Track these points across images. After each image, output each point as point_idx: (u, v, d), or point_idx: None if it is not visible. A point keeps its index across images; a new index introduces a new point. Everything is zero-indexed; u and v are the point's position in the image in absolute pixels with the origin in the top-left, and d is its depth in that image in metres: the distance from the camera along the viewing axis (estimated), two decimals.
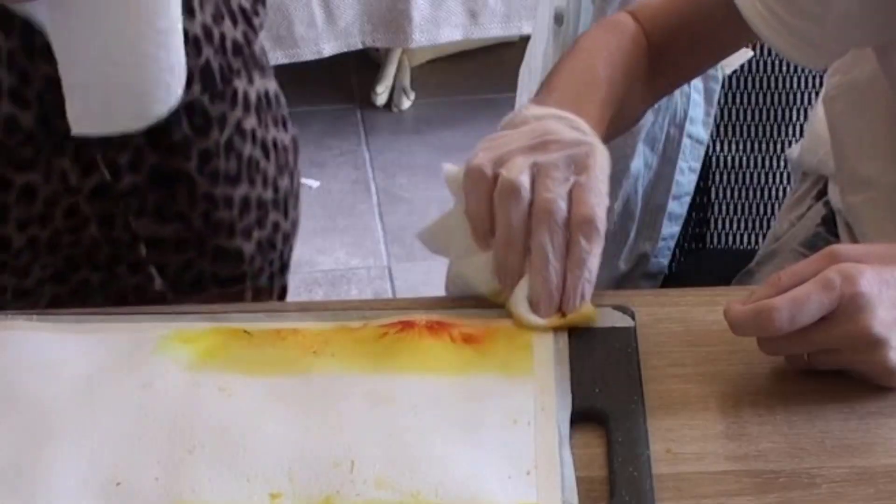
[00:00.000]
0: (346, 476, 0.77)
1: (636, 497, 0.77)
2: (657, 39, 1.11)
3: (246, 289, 1.19)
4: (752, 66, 1.45)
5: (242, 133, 1.15)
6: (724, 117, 1.47)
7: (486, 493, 0.76)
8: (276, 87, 1.22)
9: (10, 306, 1.10)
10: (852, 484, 0.79)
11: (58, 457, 0.79)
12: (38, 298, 1.12)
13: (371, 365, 0.86)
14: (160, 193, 1.11)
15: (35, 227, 1.08)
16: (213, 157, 1.12)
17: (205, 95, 1.10)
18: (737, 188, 1.49)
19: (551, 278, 0.88)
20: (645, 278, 1.46)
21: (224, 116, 1.13)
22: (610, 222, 1.45)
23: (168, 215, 1.12)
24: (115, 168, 1.09)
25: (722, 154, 1.48)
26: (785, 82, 1.46)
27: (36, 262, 1.10)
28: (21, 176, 1.06)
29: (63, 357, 0.88)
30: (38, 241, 1.09)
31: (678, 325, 0.92)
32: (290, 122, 1.24)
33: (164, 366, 0.86)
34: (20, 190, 1.06)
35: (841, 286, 0.82)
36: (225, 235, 1.15)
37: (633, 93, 1.09)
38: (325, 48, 2.87)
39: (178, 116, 1.09)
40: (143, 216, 1.11)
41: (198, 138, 1.11)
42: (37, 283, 1.11)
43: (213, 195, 1.13)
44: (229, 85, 1.12)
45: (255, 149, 1.16)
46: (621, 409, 0.83)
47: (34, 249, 1.09)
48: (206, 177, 1.12)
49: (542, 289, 0.89)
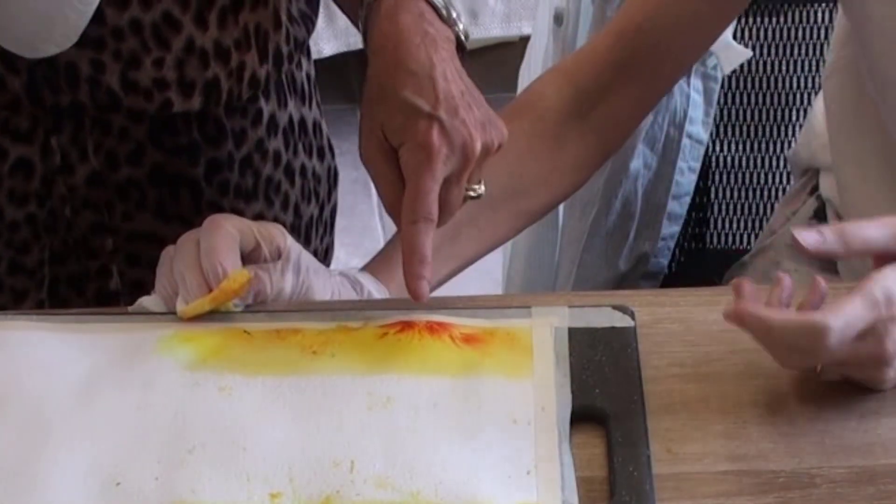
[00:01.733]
0: (346, 476, 0.77)
1: (636, 497, 0.77)
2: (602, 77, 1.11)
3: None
4: (751, 66, 1.45)
5: (264, 153, 1.14)
6: (724, 117, 1.47)
7: (486, 493, 0.76)
8: (318, 117, 1.22)
9: (7, 282, 1.10)
10: (852, 484, 0.79)
11: (58, 457, 0.79)
12: (39, 281, 1.12)
13: (371, 365, 0.86)
14: (162, 192, 1.11)
15: (32, 205, 1.09)
16: (223, 168, 1.12)
17: (217, 108, 1.10)
18: (736, 188, 1.49)
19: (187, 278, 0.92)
20: (645, 278, 1.46)
21: (243, 132, 1.12)
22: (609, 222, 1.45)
23: (170, 215, 1.12)
24: (114, 158, 1.09)
25: (721, 154, 1.48)
26: (785, 82, 1.46)
27: (36, 242, 1.10)
28: (16, 148, 1.07)
29: (63, 357, 0.88)
30: (36, 220, 1.10)
31: (678, 325, 0.92)
32: (329, 153, 1.24)
33: (164, 366, 0.86)
34: (15, 162, 1.07)
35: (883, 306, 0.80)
36: None
37: (541, 178, 1.11)
38: (325, 48, 2.87)
39: (188, 121, 1.09)
40: (144, 211, 1.11)
41: (208, 147, 1.11)
42: (38, 264, 1.11)
43: (220, 205, 1.12)
44: (253, 104, 1.12)
45: (276, 170, 1.16)
46: (621, 409, 0.83)
47: (33, 227, 1.10)
48: (213, 186, 1.12)
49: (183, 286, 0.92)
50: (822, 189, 1.27)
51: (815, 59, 1.44)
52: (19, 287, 1.11)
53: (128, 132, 1.08)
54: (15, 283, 1.11)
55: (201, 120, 1.10)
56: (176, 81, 1.07)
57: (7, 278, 1.11)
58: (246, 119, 1.12)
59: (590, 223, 1.45)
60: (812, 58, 1.44)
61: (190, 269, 0.91)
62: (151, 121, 1.09)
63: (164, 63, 1.06)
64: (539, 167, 1.11)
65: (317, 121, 1.21)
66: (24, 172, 1.08)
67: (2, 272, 1.11)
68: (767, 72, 1.45)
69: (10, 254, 1.10)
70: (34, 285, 1.12)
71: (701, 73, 1.42)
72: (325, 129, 1.23)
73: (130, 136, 1.09)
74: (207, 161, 1.11)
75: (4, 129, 1.07)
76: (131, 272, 1.13)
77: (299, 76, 1.18)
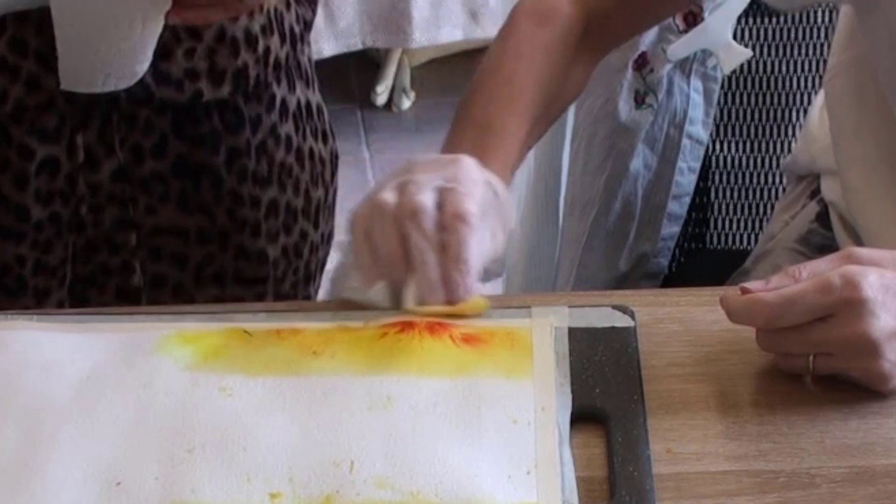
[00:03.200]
0: (346, 476, 0.77)
1: (636, 497, 0.77)
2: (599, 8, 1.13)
3: (267, 292, 1.19)
4: (751, 66, 1.45)
5: (277, 138, 1.15)
6: (724, 117, 1.47)
7: (485, 493, 0.76)
8: (320, 101, 1.23)
9: (30, 282, 1.10)
10: (852, 484, 0.79)
11: (58, 456, 0.79)
12: (61, 279, 1.12)
13: (371, 365, 0.86)
14: (184, 183, 1.12)
15: (57, 204, 1.09)
16: (242, 155, 1.12)
17: (237, 96, 1.10)
18: (736, 188, 1.49)
19: (430, 273, 0.90)
20: (645, 278, 1.46)
21: (259, 118, 1.13)
22: (609, 223, 1.45)
23: (192, 206, 1.13)
24: (139, 151, 1.09)
25: (721, 154, 1.48)
26: (785, 82, 1.46)
27: (59, 240, 1.10)
28: (43, 147, 1.07)
29: (63, 357, 0.88)
30: (60, 218, 1.10)
31: (678, 325, 0.92)
32: (332, 137, 1.24)
33: (164, 366, 0.86)
34: (41, 161, 1.07)
35: (841, 289, 0.82)
36: (249, 235, 1.16)
37: (563, 88, 1.12)
38: (325, 48, 2.87)
39: (209, 110, 1.10)
40: (167, 203, 1.12)
41: (228, 135, 1.11)
42: (60, 262, 1.11)
43: (239, 193, 1.13)
44: (267, 90, 1.13)
45: (288, 155, 1.16)
46: (621, 409, 0.83)
47: (57, 226, 1.10)
48: (233, 174, 1.13)
49: (424, 284, 0.90)
50: (824, 192, 1.26)
51: (815, 59, 1.44)
52: (42, 286, 1.11)
53: (152, 125, 1.09)
54: (38, 283, 1.11)
55: (222, 108, 1.11)
56: (206, 71, 1.08)
57: (31, 278, 1.10)
58: (261, 105, 1.13)
59: (590, 223, 1.45)
60: (812, 58, 1.44)
61: (431, 267, 0.90)
62: (174, 112, 1.09)
63: (196, 53, 1.07)
64: (560, 78, 1.12)
65: (319, 104, 1.23)
66: (50, 171, 1.08)
67: (26, 273, 1.10)
68: (767, 72, 1.45)
69: (35, 254, 1.10)
70: (56, 284, 1.12)
71: (701, 74, 1.42)
72: (326, 112, 1.24)
73: (155, 128, 1.09)
74: (228, 149, 1.12)
75: (32, 129, 1.06)
76: (153, 267, 1.14)
77: (303, 60, 1.19)
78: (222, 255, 1.15)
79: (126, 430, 0.81)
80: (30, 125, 1.06)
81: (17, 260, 1.09)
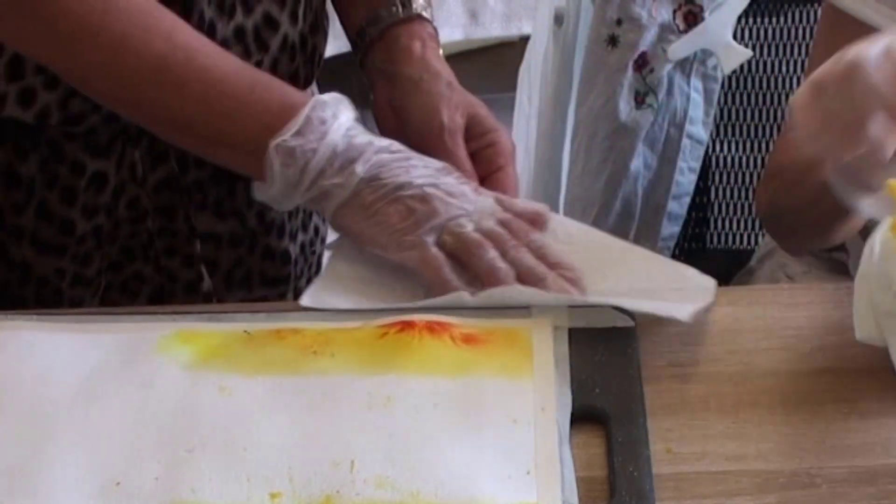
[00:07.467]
0: (346, 476, 0.77)
1: (636, 497, 0.77)
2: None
3: (289, 290, 1.19)
4: (751, 66, 1.45)
5: None
6: (724, 117, 1.47)
7: (485, 493, 0.76)
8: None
9: (67, 294, 1.10)
10: (852, 484, 0.79)
11: (57, 457, 0.79)
12: (95, 289, 1.12)
13: (371, 365, 0.86)
14: (221, 190, 1.12)
15: (101, 216, 1.09)
16: None
17: None
18: (736, 188, 1.49)
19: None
20: None
21: None
22: (609, 222, 1.45)
23: (226, 212, 1.13)
24: (184, 162, 1.10)
25: (721, 154, 1.48)
26: (785, 82, 1.46)
27: (98, 251, 1.10)
28: (94, 162, 1.07)
29: (63, 357, 0.88)
30: (101, 230, 1.10)
31: (678, 325, 0.91)
32: None
33: (164, 366, 0.86)
34: (91, 176, 1.07)
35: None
36: (275, 235, 1.16)
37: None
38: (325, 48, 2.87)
39: None
40: (204, 211, 1.12)
41: None
42: (97, 273, 1.11)
43: None
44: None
45: None
46: (621, 409, 0.83)
47: (98, 238, 1.10)
48: None
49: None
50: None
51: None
52: (77, 297, 1.11)
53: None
54: (74, 295, 1.11)
55: None
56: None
57: (68, 290, 1.10)
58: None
59: (590, 223, 1.45)
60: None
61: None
62: None
63: (262, 65, 1.08)
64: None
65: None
66: (98, 185, 1.08)
67: (64, 285, 1.10)
68: (767, 72, 1.46)
69: (74, 267, 1.10)
70: (90, 293, 1.12)
71: (701, 73, 1.42)
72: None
73: None
74: None
75: (86, 145, 1.06)
76: (185, 273, 1.14)
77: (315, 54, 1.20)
78: (250, 257, 1.16)
79: (126, 430, 0.81)
80: (83, 143, 1.06)
81: (56, 273, 1.09)
